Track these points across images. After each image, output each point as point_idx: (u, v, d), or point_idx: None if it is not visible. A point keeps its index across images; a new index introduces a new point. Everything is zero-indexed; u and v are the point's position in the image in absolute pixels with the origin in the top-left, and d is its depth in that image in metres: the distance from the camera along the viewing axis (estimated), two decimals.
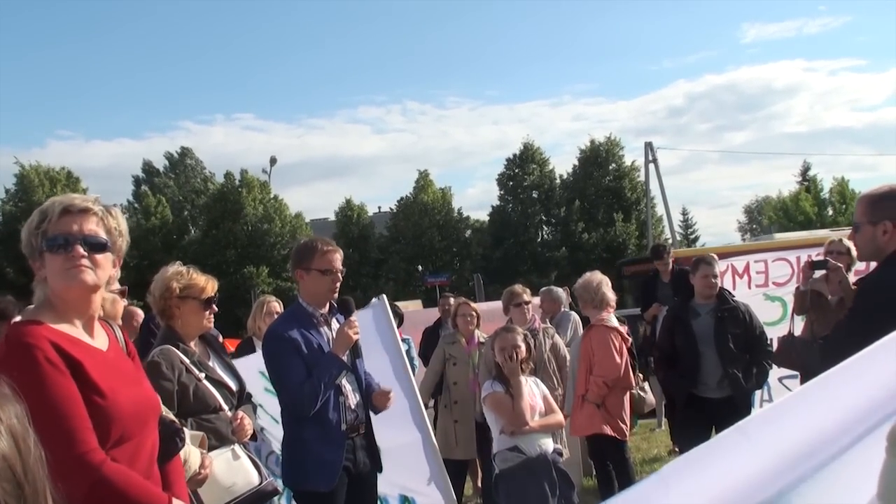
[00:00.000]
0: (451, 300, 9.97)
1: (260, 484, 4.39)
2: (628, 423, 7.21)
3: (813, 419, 1.80)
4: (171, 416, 3.51)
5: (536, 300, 9.25)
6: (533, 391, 5.82)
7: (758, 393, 8.05)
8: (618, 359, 6.95)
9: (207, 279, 4.74)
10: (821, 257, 7.14)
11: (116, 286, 3.73)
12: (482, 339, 8.19)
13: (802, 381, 5.18)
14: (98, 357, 2.77)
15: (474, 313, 8.32)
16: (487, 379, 6.11)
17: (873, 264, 4.32)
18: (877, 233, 3.99)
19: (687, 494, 1.69)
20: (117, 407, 2.73)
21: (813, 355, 6.63)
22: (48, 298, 2.77)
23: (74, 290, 2.76)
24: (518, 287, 8.33)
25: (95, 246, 2.77)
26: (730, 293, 7.47)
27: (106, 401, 2.69)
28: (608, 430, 6.97)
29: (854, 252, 7.30)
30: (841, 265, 6.45)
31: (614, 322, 7.19)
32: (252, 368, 5.59)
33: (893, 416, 1.69)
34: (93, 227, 2.78)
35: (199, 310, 4.65)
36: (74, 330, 2.78)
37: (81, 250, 2.73)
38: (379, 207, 62.40)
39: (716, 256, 7.71)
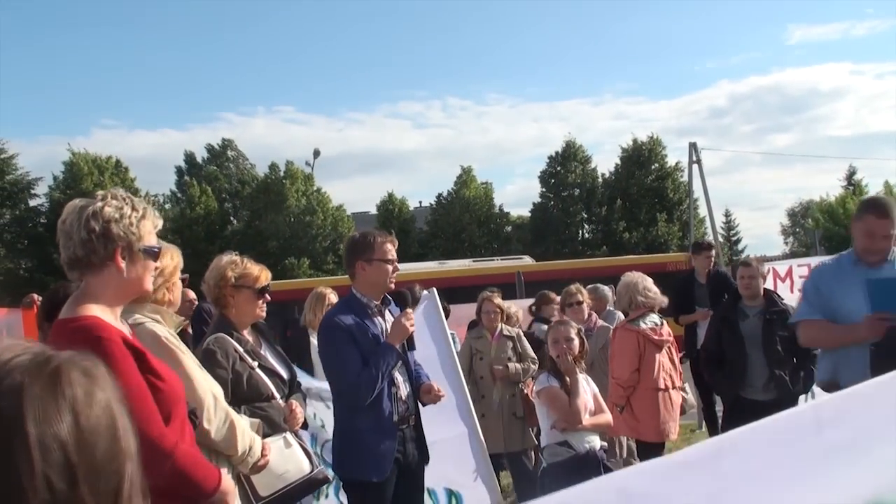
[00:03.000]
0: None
1: (311, 472, 4.45)
2: (669, 426, 7.12)
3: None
4: None
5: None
6: (585, 388, 5.83)
7: (802, 398, 8.00)
8: (633, 361, 6.91)
9: (261, 269, 4.80)
10: None
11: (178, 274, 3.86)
12: (507, 333, 8.33)
13: None
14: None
15: (498, 309, 8.40)
16: (542, 372, 6.13)
17: None
18: None
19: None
20: (175, 388, 2.93)
21: None
22: (97, 289, 2.89)
23: (145, 292, 3.04)
24: (573, 286, 8.56)
25: None
26: (778, 296, 7.44)
27: (166, 384, 2.82)
28: (635, 434, 6.95)
29: None
30: None
31: (641, 324, 7.14)
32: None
33: None
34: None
35: (253, 299, 4.71)
36: (116, 322, 2.91)
37: None
38: (420, 202, 62.55)
39: (757, 258, 7.68)
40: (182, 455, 2.85)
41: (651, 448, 7.02)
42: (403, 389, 5.04)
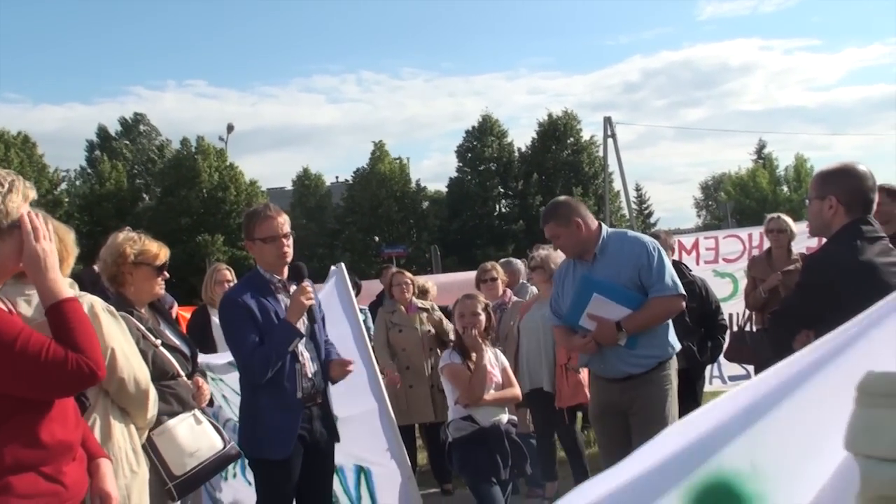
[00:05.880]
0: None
1: (224, 448, 4.42)
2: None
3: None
4: None
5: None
6: (492, 363, 5.81)
7: (708, 367, 8.17)
8: None
9: (160, 246, 4.70)
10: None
11: None
12: (422, 306, 8.50)
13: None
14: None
15: (409, 281, 8.54)
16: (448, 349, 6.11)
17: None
18: (823, 207, 4.04)
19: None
20: None
21: (766, 347, 6.76)
22: None
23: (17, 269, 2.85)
24: (489, 263, 8.68)
25: None
26: (686, 267, 7.54)
27: None
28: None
29: (793, 229, 7.51)
30: None
31: None
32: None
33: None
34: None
35: (151, 276, 4.61)
36: None
37: None
38: (336, 177, 62.17)
39: (665, 231, 7.85)
40: (59, 349, 2.68)
41: (571, 413, 7.33)
42: (310, 366, 4.95)
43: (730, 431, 1.68)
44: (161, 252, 4.65)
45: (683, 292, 5.32)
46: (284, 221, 4.98)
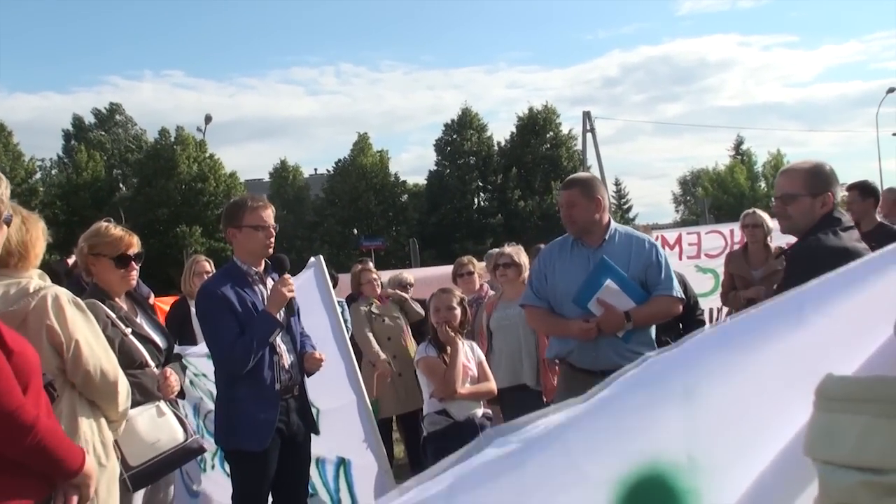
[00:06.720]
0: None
1: (185, 441, 4.36)
2: None
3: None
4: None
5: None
6: (468, 356, 5.80)
7: None
8: None
9: (122, 237, 4.56)
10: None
11: None
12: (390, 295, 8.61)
13: None
14: None
15: (376, 275, 8.64)
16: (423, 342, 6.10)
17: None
18: (815, 205, 4.00)
19: None
20: (29, 360, 2.78)
21: None
22: None
23: None
24: (465, 258, 8.71)
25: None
26: None
27: (16, 356, 2.70)
28: None
29: (769, 224, 7.48)
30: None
31: None
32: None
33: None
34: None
35: (112, 267, 4.52)
36: None
37: None
38: (315, 169, 62.03)
39: (645, 226, 7.85)
40: (44, 429, 2.69)
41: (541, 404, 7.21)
42: (287, 358, 4.93)
43: (669, 423, 1.66)
44: (122, 244, 4.53)
45: (684, 297, 5.29)
46: (272, 213, 5.01)
